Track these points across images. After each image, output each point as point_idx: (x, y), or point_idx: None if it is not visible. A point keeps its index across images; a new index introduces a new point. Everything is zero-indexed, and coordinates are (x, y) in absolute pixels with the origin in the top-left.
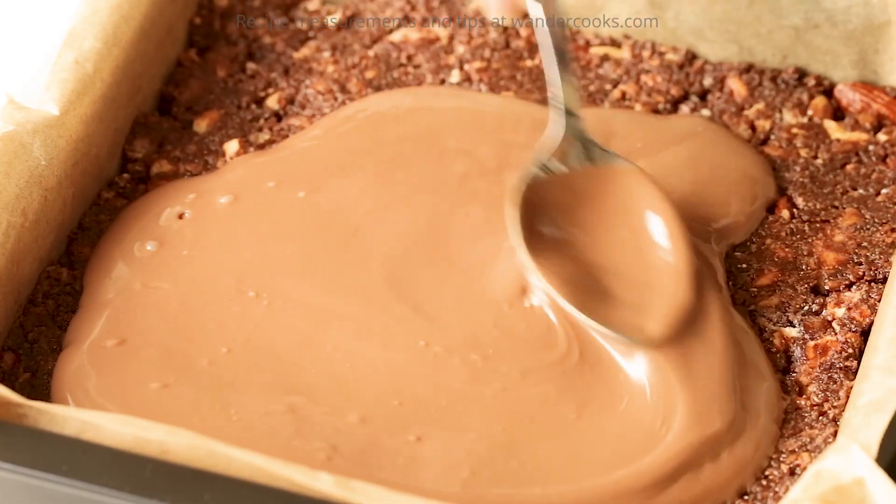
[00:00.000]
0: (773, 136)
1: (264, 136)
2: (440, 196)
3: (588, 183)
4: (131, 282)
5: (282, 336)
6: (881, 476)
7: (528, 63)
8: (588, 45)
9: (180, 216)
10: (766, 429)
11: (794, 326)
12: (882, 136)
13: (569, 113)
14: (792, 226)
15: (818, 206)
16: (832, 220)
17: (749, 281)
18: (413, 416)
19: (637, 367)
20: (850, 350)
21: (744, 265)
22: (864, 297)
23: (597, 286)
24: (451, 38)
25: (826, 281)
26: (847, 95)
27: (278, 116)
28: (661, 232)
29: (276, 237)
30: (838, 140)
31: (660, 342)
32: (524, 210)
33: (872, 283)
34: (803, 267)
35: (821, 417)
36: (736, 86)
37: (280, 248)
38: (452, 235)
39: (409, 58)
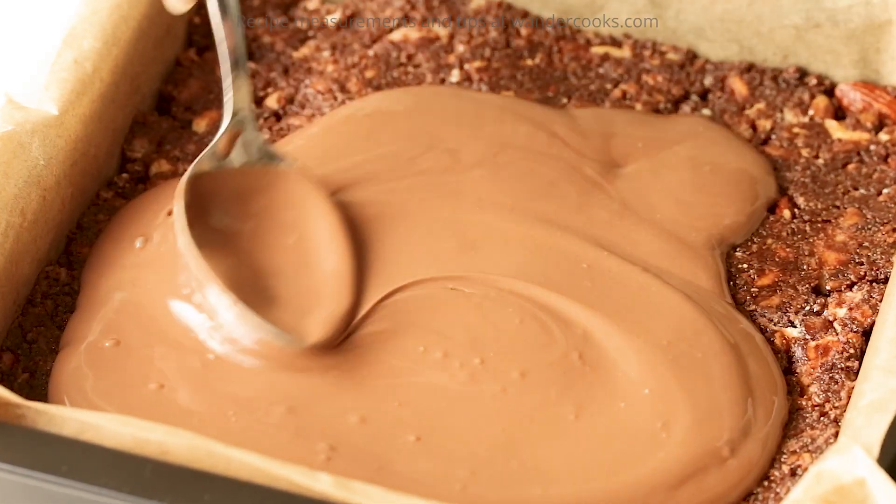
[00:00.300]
0: (774, 136)
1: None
2: (412, 192)
3: (254, 183)
4: (128, 282)
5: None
6: (882, 477)
7: (529, 63)
8: (588, 44)
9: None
10: (772, 432)
11: (795, 327)
12: (883, 136)
13: (237, 112)
14: (793, 226)
15: (819, 206)
16: (833, 220)
17: (750, 281)
18: (413, 416)
19: (636, 368)
20: (852, 350)
21: (744, 265)
22: (866, 297)
23: (260, 286)
24: (451, 37)
25: (827, 281)
26: (848, 95)
27: (277, 116)
28: (323, 236)
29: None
30: (839, 140)
31: (316, 345)
32: (197, 203)
33: (874, 283)
34: (804, 267)
35: (822, 418)
36: (737, 85)
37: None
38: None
39: (409, 57)
